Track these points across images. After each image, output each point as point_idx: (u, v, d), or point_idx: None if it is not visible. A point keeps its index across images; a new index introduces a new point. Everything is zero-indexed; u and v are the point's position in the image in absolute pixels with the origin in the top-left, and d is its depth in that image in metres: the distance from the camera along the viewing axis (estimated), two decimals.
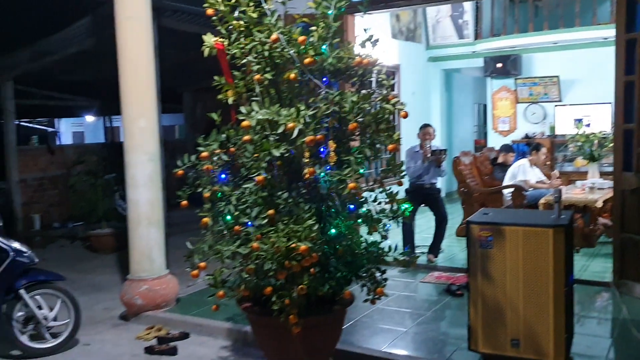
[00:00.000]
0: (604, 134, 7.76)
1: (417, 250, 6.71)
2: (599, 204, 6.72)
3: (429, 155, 6.41)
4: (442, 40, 11.47)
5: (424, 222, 7.70)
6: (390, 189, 3.71)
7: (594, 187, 7.26)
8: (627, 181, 5.04)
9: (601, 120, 9.52)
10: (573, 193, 7.19)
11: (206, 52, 3.69)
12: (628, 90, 5.03)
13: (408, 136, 6.89)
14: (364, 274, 3.63)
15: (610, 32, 5.52)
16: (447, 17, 11.30)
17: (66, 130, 21.97)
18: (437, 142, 11.51)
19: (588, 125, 9.24)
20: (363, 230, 3.72)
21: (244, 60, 3.52)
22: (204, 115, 14.94)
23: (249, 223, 3.34)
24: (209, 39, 3.67)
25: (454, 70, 12.39)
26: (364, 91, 3.67)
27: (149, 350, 4.45)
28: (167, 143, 12.92)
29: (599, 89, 9.19)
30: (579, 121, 9.44)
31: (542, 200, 6.76)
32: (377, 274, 3.66)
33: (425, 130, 6.59)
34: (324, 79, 3.54)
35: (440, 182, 7.18)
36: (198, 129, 12.90)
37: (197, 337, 4.71)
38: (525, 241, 3.46)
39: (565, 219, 3.56)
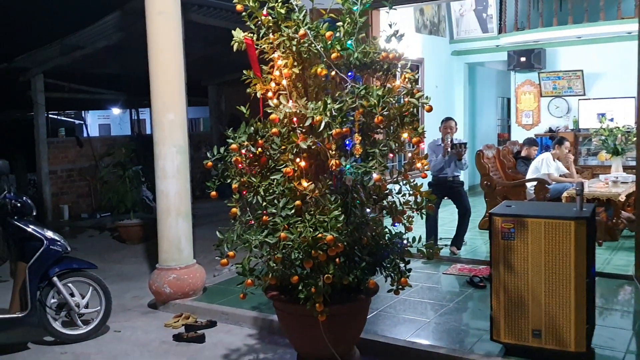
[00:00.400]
0: (628, 128, 7.71)
1: (440, 243, 6.79)
2: (622, 198, 6.70)
3: (449, 149, 6.46)
4: (466, 34, 11.46)
5: (447, 215, 7.74)
6: (414, 181, 3.78)
7: (617, 180, 7.23)
8: None
9: (625, 114, 9.44)
10: (596, 187, 7.18)
11: (235, 46, 3.79)
12: None
13: (431, 130, 6.94)
14: (388, 265, 3.71)
15: (634, 26, 5.48)
16: (471, 10, 11.29)
17: (92, 122, 22.37)
18: (460, 136, 11.55)
19: (612, 119, 9.16)
20: (387, 221, 3.80)
21: (272, 55, 3.61)
22: (228, 108, 15.19)
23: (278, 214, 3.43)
24: (238, 34, 3.77)
25: (477, 63, 12.37)
26: (389, 85, 3.74)
27: (178, 337, 4.59)
28: (192, 136, 13.16)
29: (623, 83, 9.12)
30: (602, 115, 9.35)
31: (565, 194, 6.77)
32: (401, 265, 3.73)
33: (446, 124, 6.64)
34: (350, 74, 3.61)
35: (463, 175, 7.22)
36: (222, 122, 13.08)
37: (224, 325, 4.85)
38: (547, 233, 3.51)
39: (588, 211, 3.60)
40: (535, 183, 7.26)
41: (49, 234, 4.52)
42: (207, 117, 16.38)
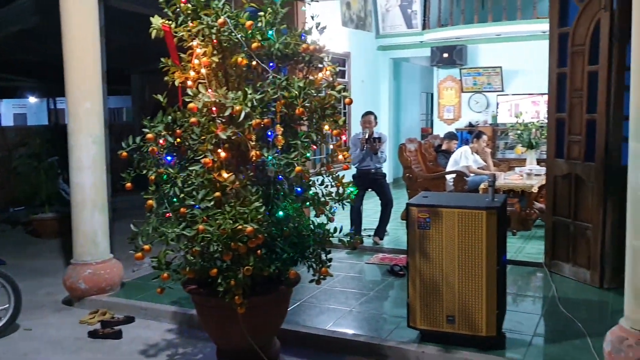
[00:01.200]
0: (542, 123, 8.12)
1: (364, 233, 6.91)
2: (535, 190, 7.05)
3: (365, 143, 6.60)
4: (392, 29, 11.67)
5: (371, 207, 7.89)
6: (337, 172, 3.83)
7: (531, 173, 7.61)
8: (559, 167, 5.32)
9: (540, 109, 9.94)
10: (512, 179, 7.52)
11: (153, 34, 3.69)
12: (560, 82, 5.30)
13: (358, 123, 7.06)
14: (310, 255, 3.74)
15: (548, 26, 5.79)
16: (397, 6, 11.51)
17: (7, 111, 21.20)
18: (385, 130, 11.79)
19: (524, 112, 9.59)
20: (312, 213, 3.82)
21: (191, 43, 3.54)
22: (152, 98, 14.68)
23: (196, 206, 3.38)
24: (157, 21, 3.67)
25: (402, 59, 12.64)
26: (311, 77, 3.76)
27: (93, 334, 4.44)
28: (113, 126, 12.64)
29: (539, 80, 9.56)
30: (519, 111, 9.80)
31: (482, 186, 7.05)
32: (323, 255, 3.77)
33: (365, 118, 6.77)
34: (271, 64, 3.60)
35: (386, 168, 7.38)
36: (146, 112, 12.70)
37: (142, 321, 4.73)
38: (460, 222, 3.65)
39: (499, 202, 3.76)
40: (454, 175, 7.51)
41: None
42: (130, 107, 15.87)
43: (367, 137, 6.66)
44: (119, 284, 5.32)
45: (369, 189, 6.96)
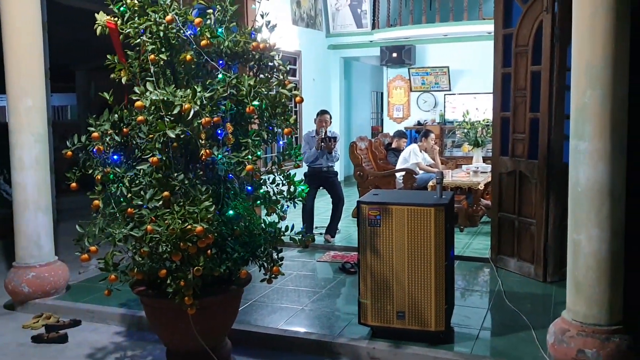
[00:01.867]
0: (488, 122, 8.34)
1: (316, 231, 6.94)
2: (481, 187, 7.24)
3: (321, 142, 6.62)
4: (342, 28, 11.74)
5: (324, 205, 7.92)
6: (288, 171, 3.82)
7: (477, 170, 7.81)
8: (504, 164, 5.48)
9: (487, 109, 10.18)
10: (459, 176, 7.69)
11: (99, 30, 3.61)
12: (505, 81, 5.45)
13: (310, 121, 7.07)
14: (261, 254, 3.73)
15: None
16: (347, 5, 11.58)
17: None
18: (336, 128, 11.83)
19: (468, 111, 9.79)
20: (264, 211, 3.81)
21: (138, 40, 3.47)
22: (99, 96, 14.31)
23: (145, 205, 3.32)
24: (102, 17, 3.59)
25: (353, 58, 12.73)
26: (262, 75, 3.75)
27: (37, 339, 4.30)
28: (58, 124, 12.22)
29: (485, 80, 9.81)
30: (466, 110, 10.02)
31: (430, 183, 7.19)
32: (274, 254, 3.76)
33: (321, 117, 6.79)
34: (220, 62, 3.57)
35: (337, 166, 7.42)
36: (92, 110, 12.38)
37: (89, 324, 4.61)
38: (409, 219, 3.71)
39: (446, 199, 3.84)
40: (403, 173, 7.63)
41: None
42: (76, 105, 15.41)
43: (323, 136, 6.67)
44: (65, 287, 5.16)
45: (321, 187, 6.99)
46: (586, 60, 3.29)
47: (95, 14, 3.60)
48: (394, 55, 11.10)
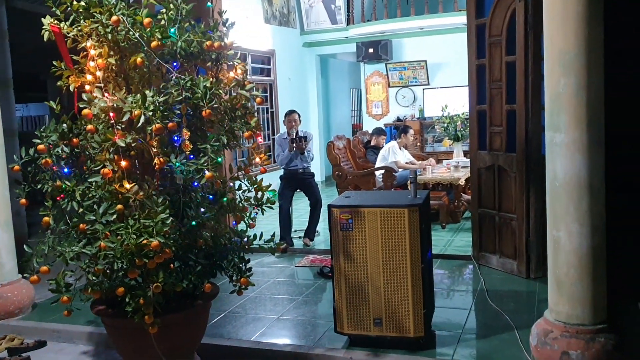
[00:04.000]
0: (466, 115, 8.18)
1: (294, 235, 6.75)
2: (462, 182, 7.09)
3: (292, 143, 6.42)
4: (316, 25, 11.55)
5: (302, 207, 7.73)
6: (255, 176, 3.64)
7: (458, 165, 7.64)
8: (482, 159, 5.32)
9: (465, 102, 10.04)
10: (439, 172, 7.54)
11: (46, 35, 3.41)
12: (480, 73, 5.30)
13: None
14: (227, 266, 3.54)
15: None
16: (320, 1, 11.38)
17: None
18: (314, 128, 11.67)
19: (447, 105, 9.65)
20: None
21: (84, 44, 3.26)
22: (73, 104, 14.02)
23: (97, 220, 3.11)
24: (47, 21, 3.38)
25: (329, 55, 12.55)
26: (220, 77, 3.55)
27: None
28: (34, 134, 11.90)
29: (463, 72, 9.67)
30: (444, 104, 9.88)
31: (409, 181, 7.01)
32: (241, 265, 3.57)
33: (290, 117, 6.60)
34: (175, 64, 3.37)
35: (316, 167, 7.24)
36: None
37: (54, 345, 4.39)
38: (382, 222, 3.52)
39: (421, 198, 3.66)
40: (383, 171, 7.46)
41: None
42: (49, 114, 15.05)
43: (293, 136, 6.48)
44: (30, 306, 4.93)
45: (298, 190, 6.80)
46: (559, 47, 3.13)
47: (42, 19, 3.40)
48: (371, 50, 10.93)
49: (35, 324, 4.64)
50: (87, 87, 3.27)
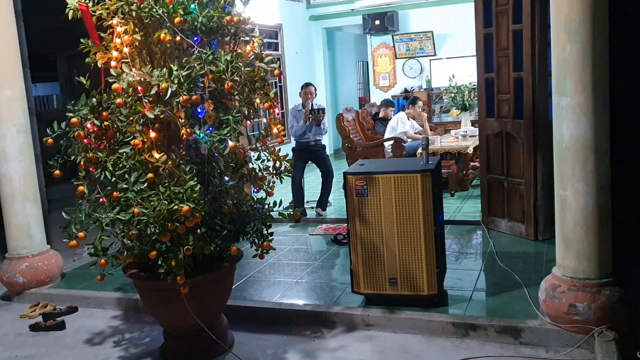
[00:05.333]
0: (474, 85, 8.29)
1: (307, 205, 6.94)
2: (470, 150, 7.24)
3: (309, 115, 6.56)
4: None
5: (314, 179, 7.91)
6: (273, 146, 3.81)
7: (466, 134, 7.79)
8: (490, 126, 5.47)
9: (472, 72, 10.12)
10: (448, 141, 7.68)
11: (70, 14, 3.55)
12: (487, 42, 5.41)
13: (295, 95, 7.00)
14: (251, 231, 3.73)
15: None
16: None
17: None
18: (322, 101, 11.76)
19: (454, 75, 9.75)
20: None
21: (111, 22, 3.41)
22: (81, 82, 14.10)
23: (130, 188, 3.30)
24: (72, 1, 3.52)
25: (335, 28, 12.59)
26: (239, 50, 3.70)
27: (35, 327, 4.31)
28: (44, 114, 12.07)
29: (469, 42, 9.73)
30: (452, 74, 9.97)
31: (419, 150, 7.16)
32: (264, 230, 3.77)
33: (306, 90, 6.72)
34: (196, 39, 3.51)
35: (326, 139, 7.39)
36: (76, 97, 12.20)
37: (86, 310, 4.63)
38: (396, 187, 3.71)
39: (432, 164, 3.83)
40: (392, 142, 7.61)
41: None
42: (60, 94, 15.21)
43: (310, 108, 6.61)
44: (59, 275, 5.16)
45: (309, 162, 6.97)
46: (565, 14, 3.26)
47: None
48: (377, 22, 10.98)
49: (65, 292, 4.88)
50: (113, 64, 3.45)
